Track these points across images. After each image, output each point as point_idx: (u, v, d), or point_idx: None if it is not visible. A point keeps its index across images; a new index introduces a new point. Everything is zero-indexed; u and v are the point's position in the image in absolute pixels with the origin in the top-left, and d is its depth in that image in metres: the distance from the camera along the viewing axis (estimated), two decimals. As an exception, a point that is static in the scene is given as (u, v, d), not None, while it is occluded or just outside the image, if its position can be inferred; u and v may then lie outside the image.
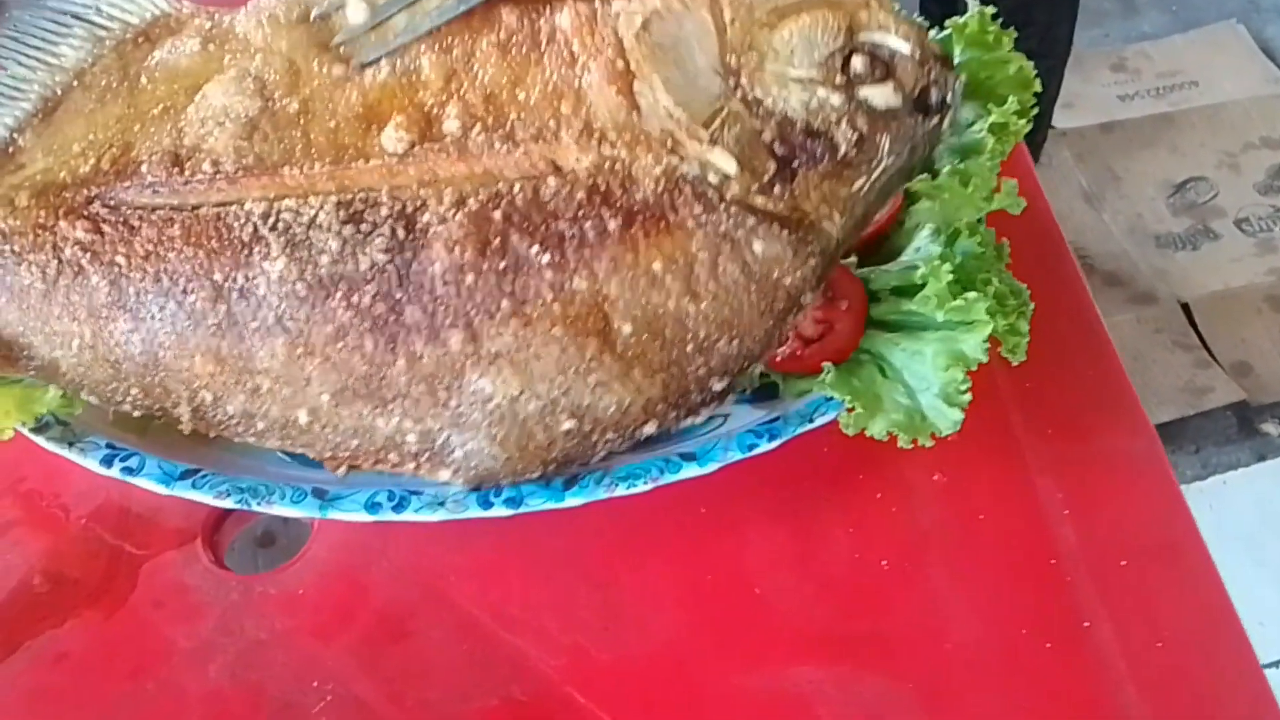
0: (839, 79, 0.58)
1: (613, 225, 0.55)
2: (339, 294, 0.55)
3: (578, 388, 0.55)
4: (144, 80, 0.61)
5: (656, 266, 0.55)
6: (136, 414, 0.59)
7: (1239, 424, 1.66)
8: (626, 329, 0.55)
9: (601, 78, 0.57)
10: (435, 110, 0.58)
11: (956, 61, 0.65)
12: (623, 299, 0.55)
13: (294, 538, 0.65)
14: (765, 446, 0.60)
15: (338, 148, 0.57)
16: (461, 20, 0.59)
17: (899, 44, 0.59)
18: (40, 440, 0.60)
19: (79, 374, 0.58)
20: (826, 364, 0.60)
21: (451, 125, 0.57)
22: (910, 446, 0.58)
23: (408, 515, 0.58)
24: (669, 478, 0.59)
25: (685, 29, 0.59)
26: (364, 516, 0.58)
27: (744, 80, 0.58)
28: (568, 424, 0.56)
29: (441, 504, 0.58)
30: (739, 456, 0.59)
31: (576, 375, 0.55)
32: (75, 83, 0.62)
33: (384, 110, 0.58)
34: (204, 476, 0.60)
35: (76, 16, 0.63)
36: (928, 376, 0.59)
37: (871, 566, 0.61)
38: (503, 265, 0.54)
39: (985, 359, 0.58)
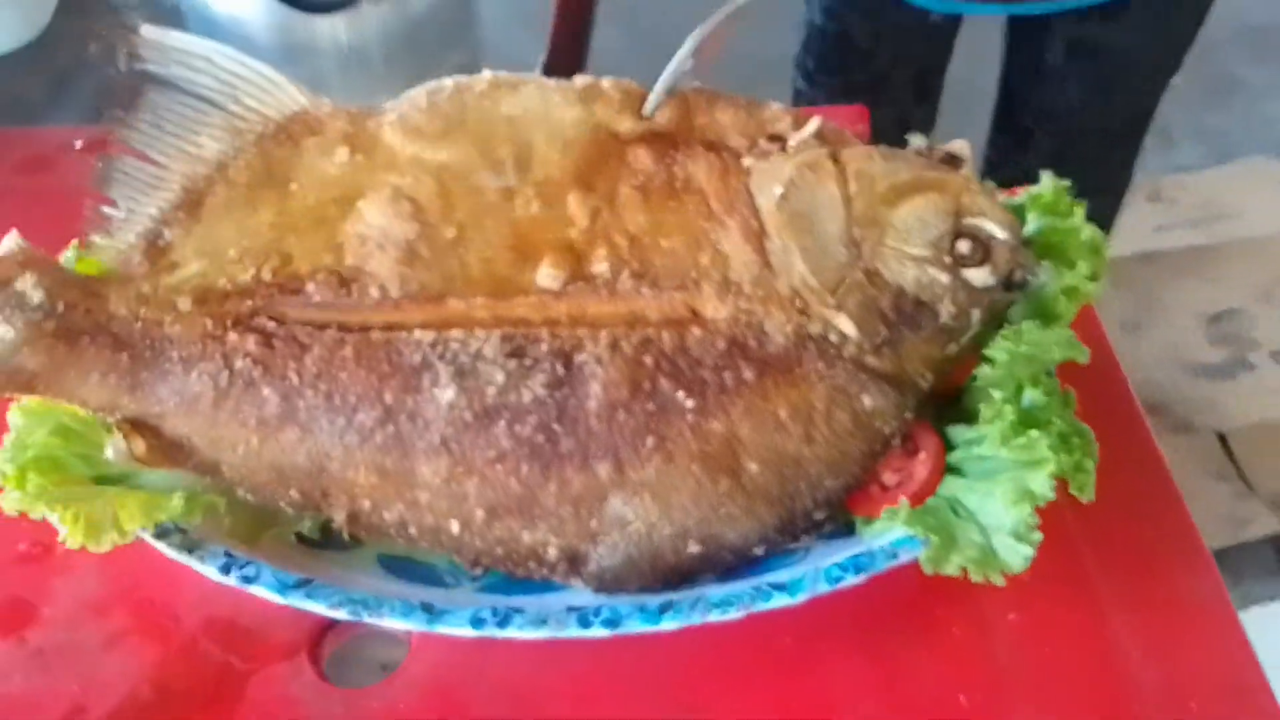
0: (947, 259, 0.64)
1: (748, 374, 0.61)
2: (502, 423, 0.60)
3: (709, 519, 0.61)
4: (292, 185, 0.65)
5: (783, 414, 0.61)
6: (292, 511, 0.64)
7: (1279, 556, 1.67)
8: (754, 467, 0.61)
9: (738, 234, 0.64)
10: (584, 249, 0.63)
11: (1031, 228, 0.72)
12: (752, 441, 0.61)
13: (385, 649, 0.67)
14: (851, 580, 0.62)
15: (495, 279, 0.63)
16: (598, 158, 0.65)
17: (997, 231, 0.65)
18: (161, 546, 0.63)
19: (240, 475, 0.63)
20: (903, 501, 0.63)
21: (601, 267, 0.63)
22: (982, 581, 0.61)
23: (511, 631, 0.61)
24: (760, 606, 0.61)
25: (818, 199, 0.65)
26: (469, 631, 0.61)
27: (866, 252, 0.65)
28: (695, 548, 0.61)
29: (544, 622, 0.61)
30: (827, 589, 0.62)
31: (710, 508, 0.61)
32: (217, 176, 0.65)
33: (535, 242, 0.64)
34: (317, 587, 0.63)
35: (213, 104, 0.66)
36: (999, 515, 0.62)
37: (950, 702, 0.63)
38: (651, 407, 0.60)
39: (1053, 495, 0.60)
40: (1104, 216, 0.65)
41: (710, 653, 0.64)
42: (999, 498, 0.62)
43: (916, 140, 0.70)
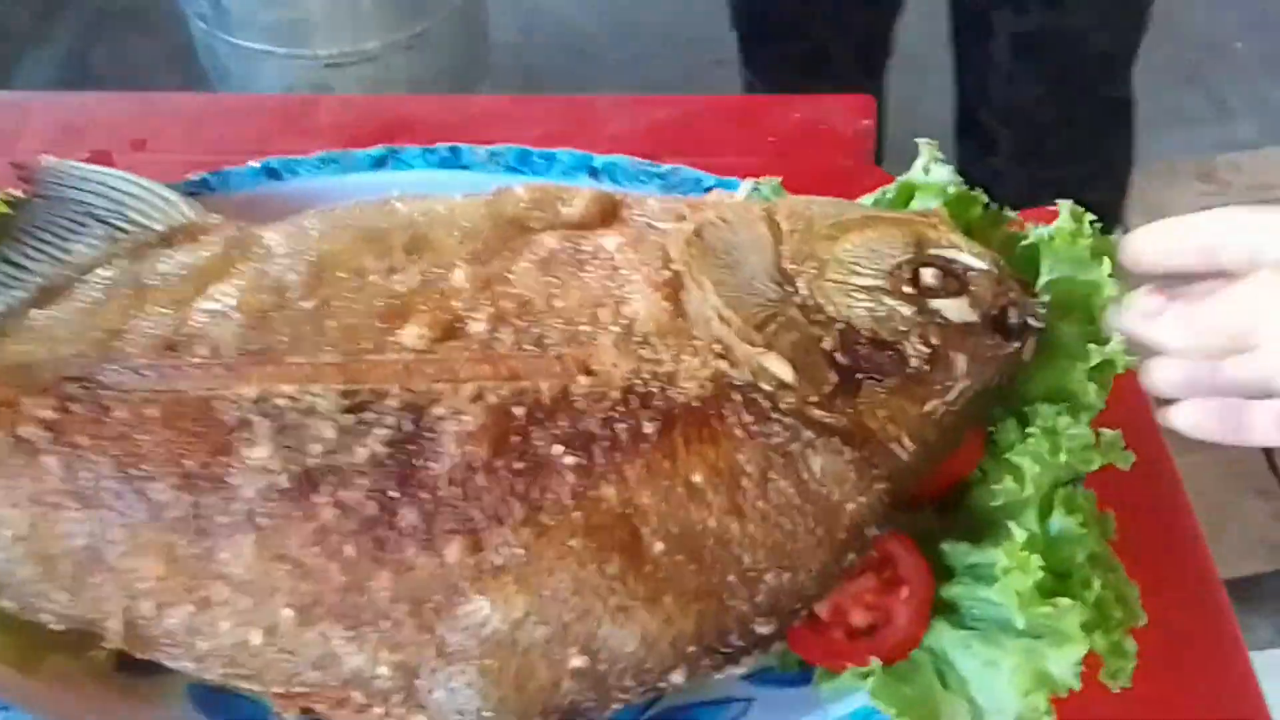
0: (908, 289, 0.52)
1: (649, 429, 0.48)
2: (326, 488, 0.48)
3: (595, 612, 0.46)
4: (151, 279, 0.56)
5: (697, 478, 0.48)
6: (57, 626, 0.51)
7: (1322, 583, 1.51)
8: (658, 547, 0.47)
9: (646, 284, 0.52)
10: (462, 313, 0.52)
11: (1046, 279, 0.56)
12: (656, 511, 0.47)
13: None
14: None
15: (352, 341, 0.51)
16: (500, 241, 0.56)
17: (973, 260, 0.53)
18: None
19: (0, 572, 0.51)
20: (874, 661, 0.49)
21: (478, 327, 0.51)
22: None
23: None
24: None
25: (739, 236, 0.54)
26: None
27: (802, 286, 0.52)
28: (578, 660, 0.47)
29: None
30: None
31: (595, 596, 0.46)
32: (79, 278, 0.58)
33: (407, 313, 0.52)
34: None
35: (97, 218, 0.60)
36: (1001, 697, 0.48)
37: None
38: (520, 466, 0.47)
39: (1078, 685, 0.46)
40: (1109, 208, 0.55)
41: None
42: (1006, 676, 0.47)
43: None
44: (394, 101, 0.69)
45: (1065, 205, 0.55)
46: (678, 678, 0.48)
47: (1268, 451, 1.63)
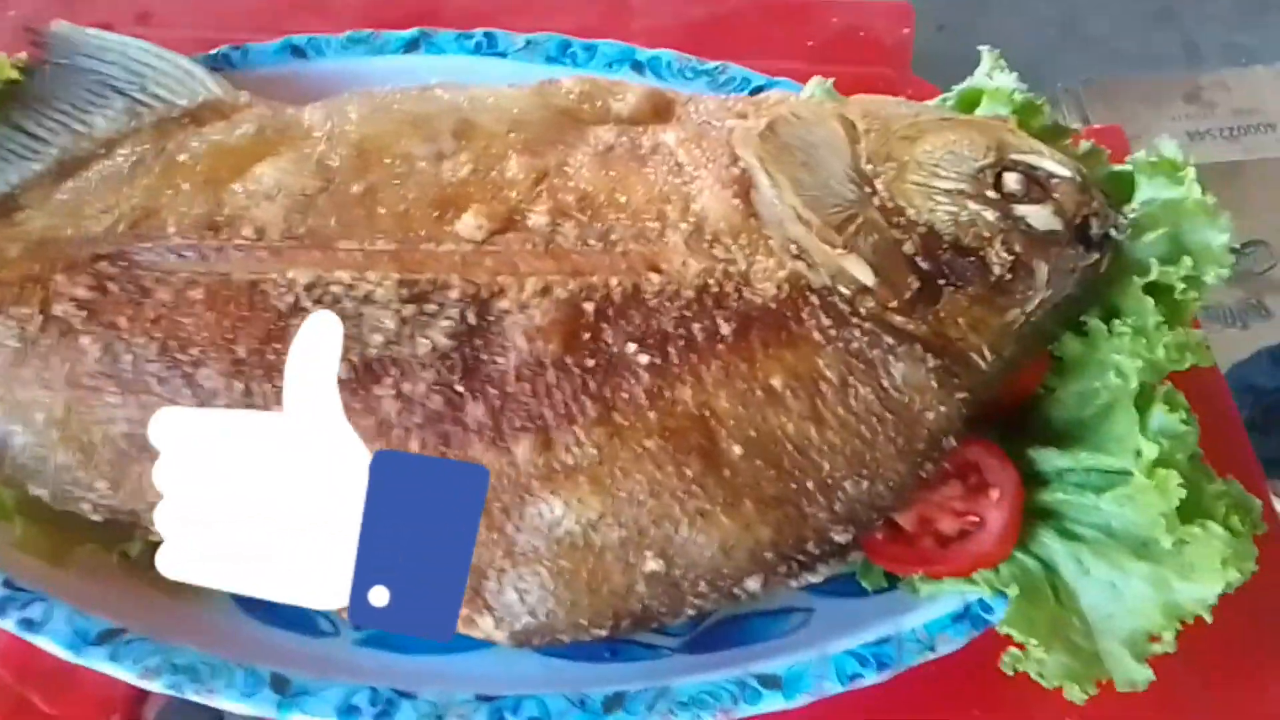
0: (991, 194, 0.50)
1: (726, 329, 0.47)
2: (388, 380, 0.46)
3: (673, 515, 0.45)
4: (182, 156, 0.53)
5: (775, 381, 0.47)
6: (94, 517, 0.48)
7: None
8: (736, 450, 0.46)
9: (714, 180, 0.50)
10: (522, 204, 0.50)
11: (1140, 197, 0.54)
12: (734, 415, 0.46)
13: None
14: (872, 678, 0.47)
15: (405, 229, 0.49)
16: (553, 132, 0.53)
17: (1057, 167, 0.51)
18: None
19: (33, 458, 0.48)
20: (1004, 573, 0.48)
21: (539, 220, 0.49)
22: (1083, 701, 0.45)
23: (395, 727, 0.45)
24: (745, 709, 0.46)
25: (815, 134, 0.52)
26: (334, 722, 0.45)
27: (881, 188, 0.51)
28: (654, 564, 0.46)
29: (441, 716, 0.45)
30: (837, 689, 0.47)
31: (673, 499, 0.45)
32: (101, 150, 0.55)
33: (462, 202, 0.50)
34: (128, 642, 0.46)
35: (116, 90, 0.57)
36: (1117, 617, 0.47)
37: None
38: (591, 363, 0.46)
39: (1209, 617, 0.45)
40: None
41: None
42: (1128, 602, 0.46)
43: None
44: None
45: (1164, 138, 0.54)
46: (753, 585, 0.46)
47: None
